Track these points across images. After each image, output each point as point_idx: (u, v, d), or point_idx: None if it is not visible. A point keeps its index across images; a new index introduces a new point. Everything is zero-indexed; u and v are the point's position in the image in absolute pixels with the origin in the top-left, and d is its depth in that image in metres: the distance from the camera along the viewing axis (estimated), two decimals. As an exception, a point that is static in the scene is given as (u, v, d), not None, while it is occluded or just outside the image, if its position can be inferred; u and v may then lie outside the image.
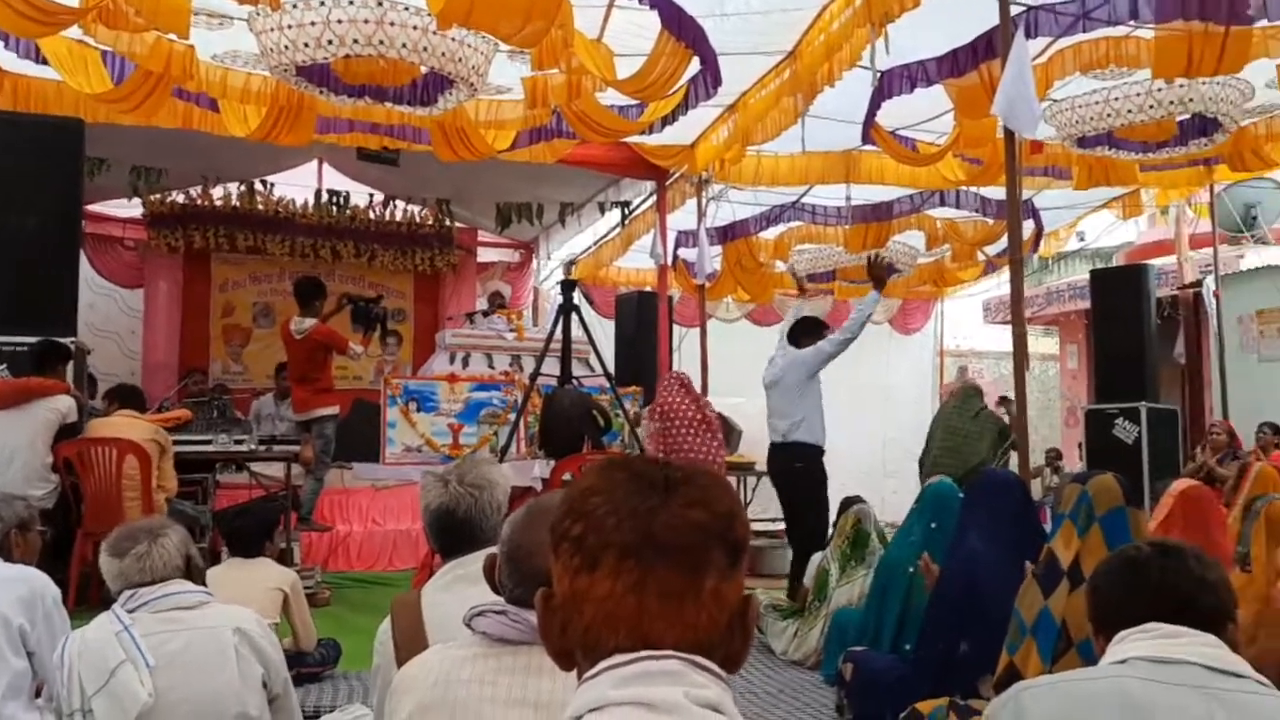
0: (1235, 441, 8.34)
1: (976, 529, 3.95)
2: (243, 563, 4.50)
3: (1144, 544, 1.91)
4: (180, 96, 6.70)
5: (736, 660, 1.06)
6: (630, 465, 1.08)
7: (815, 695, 4.78)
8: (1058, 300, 13.66)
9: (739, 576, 1.05)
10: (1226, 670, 1.62)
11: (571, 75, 6.08)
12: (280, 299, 11.13)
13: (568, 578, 1.04)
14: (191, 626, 2.57)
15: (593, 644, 1.03)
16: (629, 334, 10.56)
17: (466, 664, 1.67)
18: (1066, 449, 12.91)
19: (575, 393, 7.08)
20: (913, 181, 8.68)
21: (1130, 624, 1.74)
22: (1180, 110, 6.34)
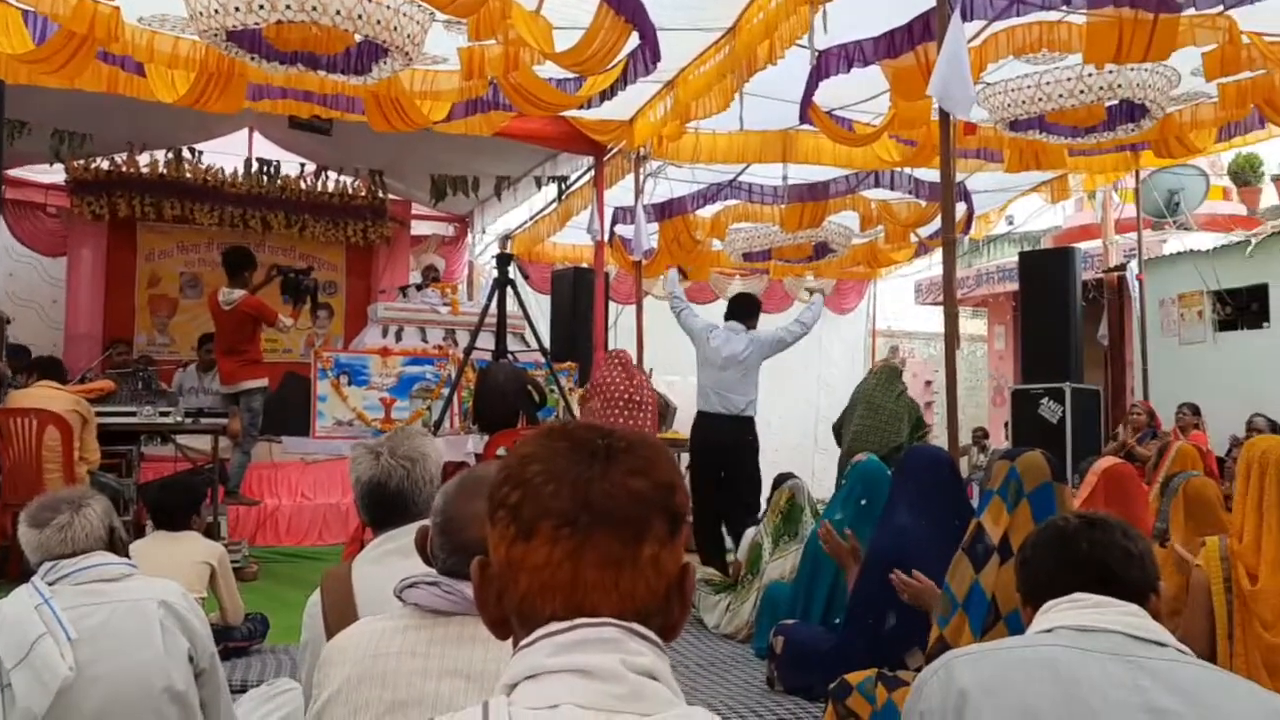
0: (1155, 421, 8.57)
1: (906, 504, 4.01)
2: (168, 536, 4.43)
3: (1072, 516, 1.94)
4: (105, 60, 6.50)
5: (674, 629, 1.06)
6: (570, 433, 1.07)
7: (746, 668, 4.84)
8: (987, 282, 13.90)
9: (678, 546, 1.05)
10: (1149, 639, 1.66)
11: (509, 47, 6.00)
12: (208, 269, 10.91)
13: (504, 546, 1.03)
14: (114, 599, 2.50)
15: (529, 612, 1.02)
16: (565, 310, 10.54)
17: (397, 635, 1.65)
18: (993, 428, 13.17)
19: (510, 368, 7.06)
20: (849, 162, 8.74)
21: (1058, 594, 1.77)
22: (1109, 96, 6.44)
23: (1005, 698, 1.61)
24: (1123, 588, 1.76)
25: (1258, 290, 9.90)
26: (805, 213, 9.60)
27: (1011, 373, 13.25)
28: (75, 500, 2.62)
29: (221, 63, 6.23)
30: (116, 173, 10.26)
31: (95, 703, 2.36)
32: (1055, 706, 1.58)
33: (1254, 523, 3.00)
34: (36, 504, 2.63)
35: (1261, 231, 9.97)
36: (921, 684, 1.75)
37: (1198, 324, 10.37)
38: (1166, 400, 9.09)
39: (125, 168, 10.26)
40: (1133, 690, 1.58)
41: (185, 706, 2.48)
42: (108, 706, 2.37)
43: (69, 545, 2.54)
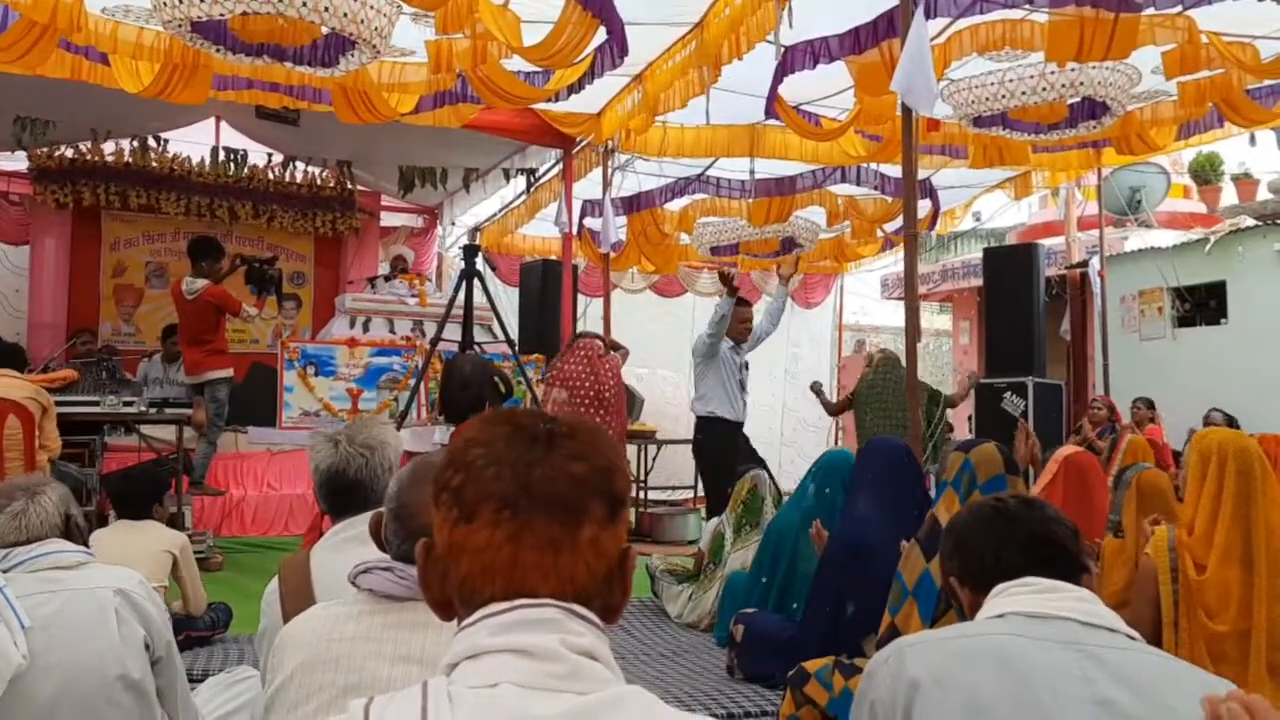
0: (1115, 416, 8.69)
1: (865, 495, 4.07)
2: (130, 525, 4.42)
3: (1007, 497, 1.97)
4: (68, 49, 6.45)
5: (615, 610, 1.09)
6: (513, 418, 1.10)
7: (708, 656, 4.89)
8: (952, 278, 14.02)
9: (618, 528, 1.08)
10: (1100, 625, 1.68)
11: (477, 40, 6.01)
12: (175, 259, 10.82)
13: (447, 528, 1.06)
14: (70, 587, 2.48)
15: (470, 594, 1.05)
16: (533, 302, 10.55)
17: (351, 620, 1.67)
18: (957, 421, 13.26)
19: (477, 359, 7.04)
20: (815, 157, 8.80)
21: (1005, 575, 1.78)
22: (1071, 93, 6.52)
23: (955, 688, 1.62)
24: (1067, 564, 1.79)
25: (1216, 287, 10.05)
26: (772, 207, 9.66)
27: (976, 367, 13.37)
28: (30, 488, 2.61)
29: (186, 54, 6.20)
30: (81, 160, 10.15)
31: (49, 691, 2.34)
32: (1006, 697, 1.59)
33: (1209, 513, 3.05)
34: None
35: (1220, 230, 10.12)
36: (872, 671, 1.75)
37: (1158, 320, 10.52)
38: (1127, 395, 9.22)
39: (90, 156, 10.15)
40: (1081, 682, 1.60)
41: (141, 695, 2.47)
42: (61, 695, 2.35)
43: (23, 533, 2.53)
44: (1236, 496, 2.99)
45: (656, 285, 13.86)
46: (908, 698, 1.64)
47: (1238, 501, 2.99)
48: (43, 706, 2.34)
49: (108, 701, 2.41)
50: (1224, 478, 3.04)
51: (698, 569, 5.81)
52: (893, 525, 3.74)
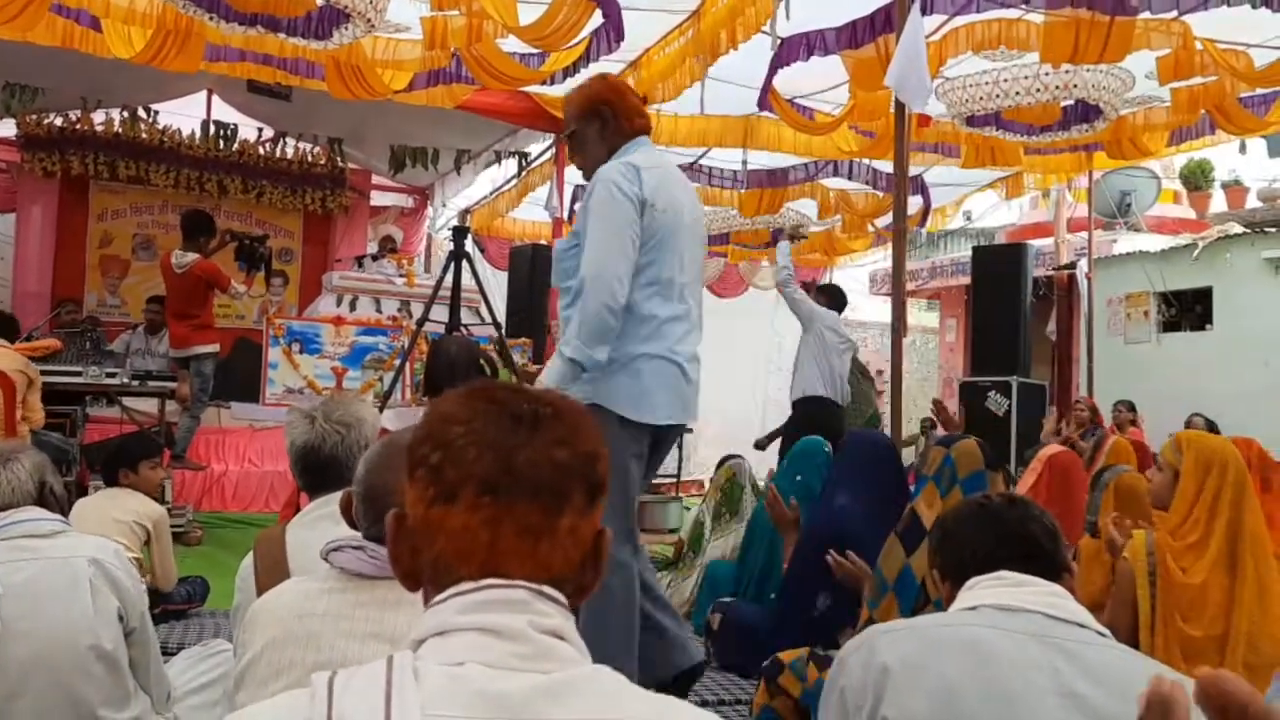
0: (1097, 418, 8.71)
1: (845, 486, 4.07)
2: (106, 494, 4.40)
3: (993, 495, 1.99)
4: (60, 13, 6.39)
5: (587, 591, 1.08)
6: (494, 395, 1.07)
7: (684, 646, 4.88)
8: (940, 275, 14.05)
9: (596, 514, 1.07)
10: (1069, 620, 1.69)
11: (472, 18, 5.98)
12: (162, 232, 10.77)
13: (423, 505, 1.04)
14: (43, 556, 2.46)
15: (443, 572, 1.03)
16: (521, 286, 10.51)
17: (322, 597, 1.67)
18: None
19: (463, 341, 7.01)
20: (808, 150, 8.79)
21: (981, 570, 1.80)
22: (1065, 95, 6.54)
23: (927, 675, 1.63)
24: (1044, 564, 1.80)
25: (1202, 293, 10.09)
26: (764, 198, 9.66)
27: (961, 365, 13.42)
28: (4, 455, 2.59)
29: (179, 21, 6.16)
30: (70, 129, 10.08)
31: (20, 658, 2.33)
32: (975, 685, 1.61)
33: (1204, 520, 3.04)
34: None
35: (1208, 236, 10.15)
36: (844, 658, 1.76)
37: (1143, 324, 10.56)
38: (1110, 397, 9.26)
39: (79, 125, 10.08)
40: (1049, 673, 1.61)
41: (113, 665, 2.46)
42: (33, 663, 2.34)
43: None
44: (1233, 505, 3.00)
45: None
46: (878, 684, 1.65)
47: (1234, 510, 3.00)
48: (13, 673, 2.33)
49: (79, 670, 2.40)
50: (1223, 487, 3.04)
51: (677, 556, 5.81)
52: (874, 517, 3.73)
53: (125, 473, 4.45)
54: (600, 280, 2.98)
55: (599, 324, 2.99)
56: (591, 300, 2.97)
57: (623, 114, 3.25)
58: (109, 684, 2.46)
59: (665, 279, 3.14)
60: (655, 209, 3.09)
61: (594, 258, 3.01)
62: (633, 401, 3.11)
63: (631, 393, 3.10)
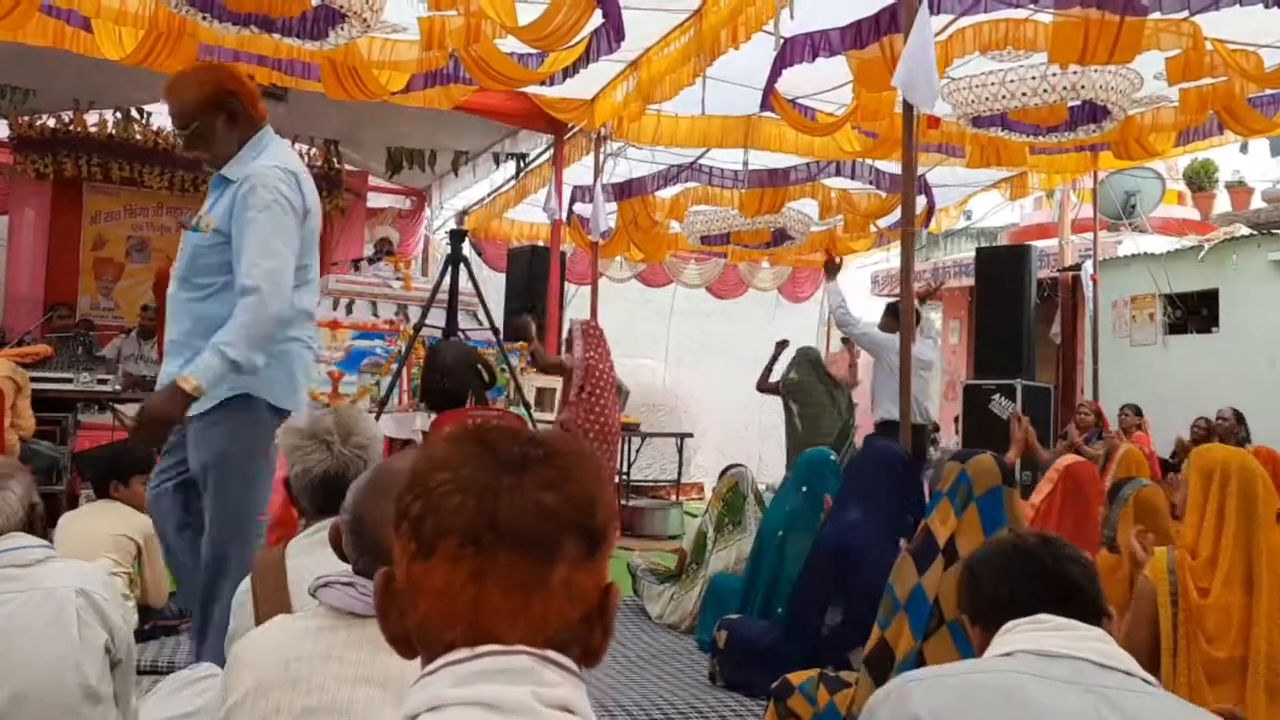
0: (1102, 422, 8.62)
1: (857, 500, 3.97)
2: (97, 508, 4.30)
3: (1024, 532, 1.88)
4: (50, 13, 6.29)
5: (596, 654, 0.97)
6: (485, 438, 0.97)
7: (688, 661, 4.79)
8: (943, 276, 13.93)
9: (598, 565, 0.96)
10: (1115, 667, 1.59)
11: (470, 18, 5.87)
12: (156, 234, 10.67)
13: (405, 561, 0.94)
14: (29, 587, 2.34)
15: (429, 638, 0.93)
16: (520, 288, 10.41)
17: (310, 637, 1.57)
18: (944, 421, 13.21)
19: (460, 346, 6.93)
20: (810, 151, 8.70)
21: (1018, 613, 1.69)
22: (1072, 96, 6.44)
23: None
24: (1084, 606, 1.69)
25: (1208, 295, 9.98)
26: (765, 198, 9.56)
27: (964, 367, 13.31)
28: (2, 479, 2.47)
29: (171, 21, 6.06)
30: (63, 131, 9.95)
31: (4, 696, 2.24)
32: None
33: (1212, 535, 2.95)
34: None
35: (1214, 237, 10.05)
36: (874, 707, 1.68)
37: (1149, 326, 10.45)
38: (1116, 401, 9.15)
39: (72, 126, 9.96)
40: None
41: (98, 702, 2.35)
42: (17, 700, 2.24)
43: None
44: (1239, 517, 2.90)
45: (642, 275, 13.75)
46: None
47: (1240, 523, 2.90)
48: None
49: (64, 709, 2.29)
50: (1225, 498, 2.94)
51: (680, 568, 5.71)
52: (885, 532, 3.64)
53: (117, 485, 4.36)
54: (279, 289, 3.04)
55: (270, 330, 3.05)
56: (269, 308, 3.02)
57: (250, 103, 3.23)
58: None
59: (313, 277, 3.31)
60: (311, 214, 3.23)
61: (271, 267, 3.05)
62: (284, 389, 3.20)
63: (282, 381, 3.18)
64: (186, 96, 3.17)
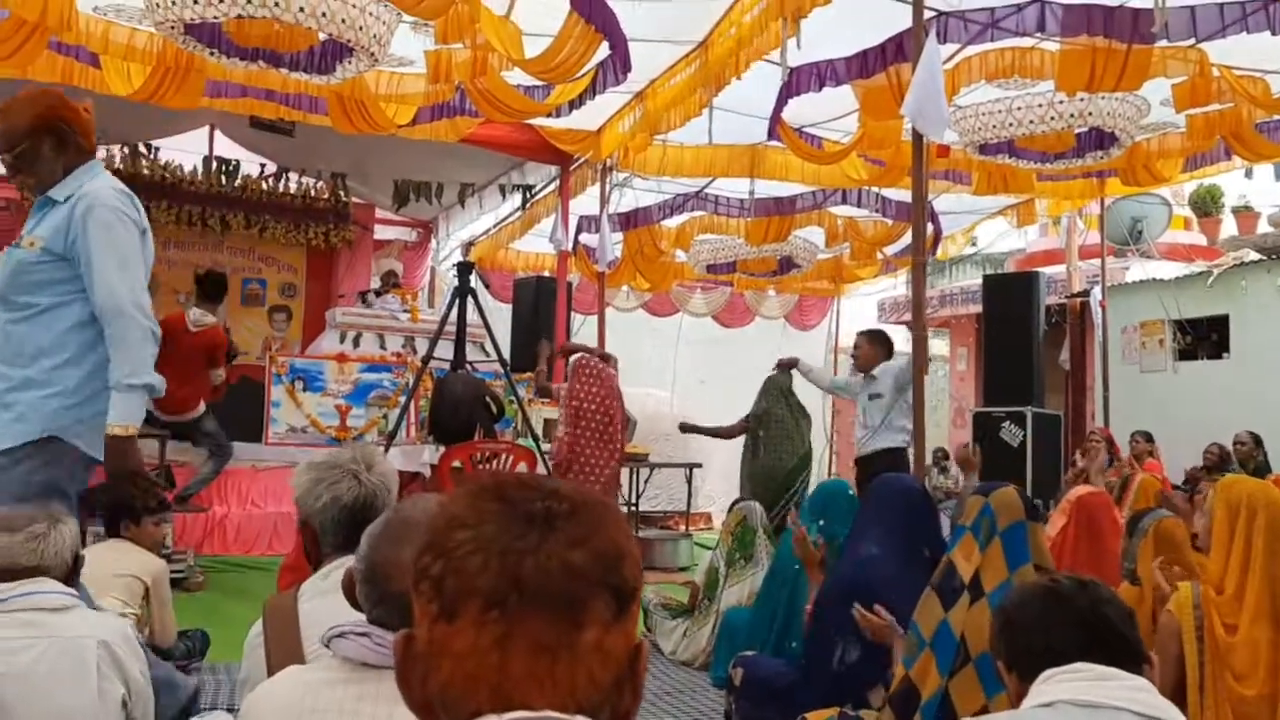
0: (1113, 449, 8.55)
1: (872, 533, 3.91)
2: (107, 547, 4.25)
3: (1060, 576, 1.83)
4: (58, 50, 6.32)
5: (626, 716, 0.93)
6: (504, 494, 0.94)
7: (703, 698, 4.73)
8: (950, 303, 13.90)
9: (628, 625, 0.92)
10: (1157, 717, 1.55)
11: (477, 51, 5.89)
12: (164, 268, 10.66)
13: (426, 623, 0.90)
14: (51, 634, 2.32)
15: (454, 703, 0.89)
16: (526, 319, 10.39)
17: (324, 690, 1.52)
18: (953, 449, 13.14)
19: (468, 378, 6.91)
20: (816, 179, 8.70)
21: (1054, 659, 1.65)
22: (1079, 123, 6.43)
23: None
24: (1124, 652, 1.64)
25: (1218, 321, 9.94)
26: (771, 226, 9.56)
27: (973, 394, 13.26)
28: (52, 515, 2.49)
29: (179, 57, 6.09)
30: (70, 166, 9.98)
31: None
32: None
33: (1239, 570, 2.90)
34: (6, 511, 2.49)
35: (1223, 263, 10.02)
36: None
37: (1159, 352, 10.40)
38: (1126, 427, 9.10)
39: (80, 161, 9.99)
40: None
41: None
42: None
43: (37, 556, 2.40)
44: (1266, 553, 2.85)
45: (648, 304, 13.74)
46: None
47: (1267, 558, 2.84)
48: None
49: None
50: (1252, 533, 2.89)
51: (692, 603, 5.64)
52: (902, 567, 3.58)
53: (128, 525, 4.32)
54: (139, 308, 2.99)
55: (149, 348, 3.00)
56: (136, 328, 2.97)
57: (83, 133, 3.18)
58: None
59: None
60: (146, 234, 3.17)
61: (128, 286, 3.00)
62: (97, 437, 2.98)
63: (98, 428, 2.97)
64: (18, 118, 3.11)
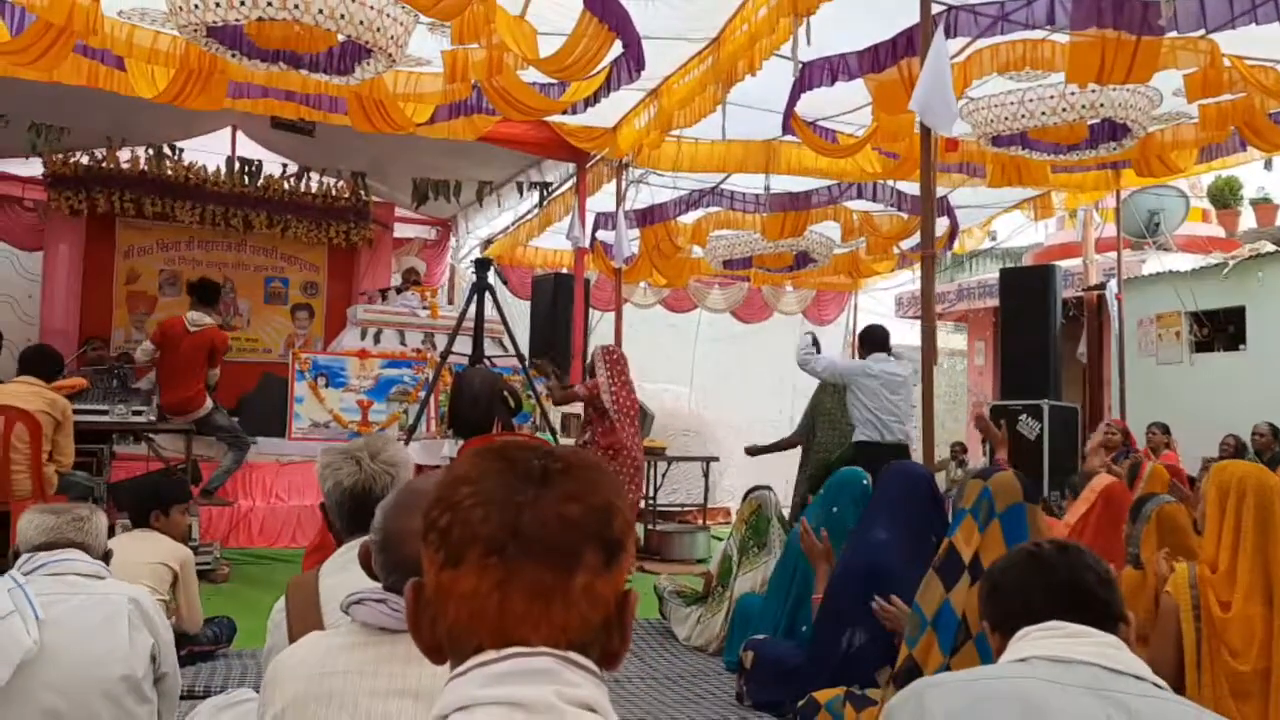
0: (1130, 441, 8.58)
1: (882, 520, 3.99)
2: (134, 536, 4.37)
3: (1044, 542, 1.91)
4: (84, 53, 6.44)
5: (615, 657, 1.03)
6: (506, 453, 1.03)
7: (716, 682, 4.81)
8: (968, 297, 13.93)
9: (617, 573, 1.01)
10: (1126, 672, 1.61)
11: (492, 51, 5.98)
12: (189, 267, 10.87)
13: (434, 570, 1.00)
14: (86, 591, 2.62)
15: (458, 641, 0.99)
16: (544, 316, 10.50)
17: (344, 653, 1.62)
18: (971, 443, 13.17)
19: (487, 373, 7.01)
20: (830, 173, 8.74)
21: (1033, 620, 1.73)
22: (1091, 115, 6.45)
23: None
24: (1099, 613, 1.72)
25: (1235, 313, 9.94)
26: (787, 222, 9.60)
27: (991, 388, 13.28)
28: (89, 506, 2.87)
29: (202, 59, 6.19)
30: (96, 167, 10.17)
31: (54, 681, 2.45)
32: None
33: (1230, 549, 2.97)
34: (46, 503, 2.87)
35: (1239, 254, 10.01)
36: (891, 711, 1.72)
37: (1175, 344, 10.41)
38: (1143, 419, 9.12)
39: (105, 163, 10.17)
40: None
41: (140, 698, 2.55)
42: (65, 686, 2.46)
43: (82, 535, 2.72)
44: (1256, 532, 2.91)
45: (666, 300, 13.82)
46: None
47: (1257, 537, 2.91)
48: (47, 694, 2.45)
49: (108, 697, 2.50)
50: (1242, 512, 2.96)
51: (706, 591, 5.72)
52: (910, 552, 3.66)
53: (157, 515, 4.44)
54: None
55: None
56: None
57: None
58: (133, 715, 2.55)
59: None
60: None
61: None
62: None
63: None
64: None
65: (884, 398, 6.78)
